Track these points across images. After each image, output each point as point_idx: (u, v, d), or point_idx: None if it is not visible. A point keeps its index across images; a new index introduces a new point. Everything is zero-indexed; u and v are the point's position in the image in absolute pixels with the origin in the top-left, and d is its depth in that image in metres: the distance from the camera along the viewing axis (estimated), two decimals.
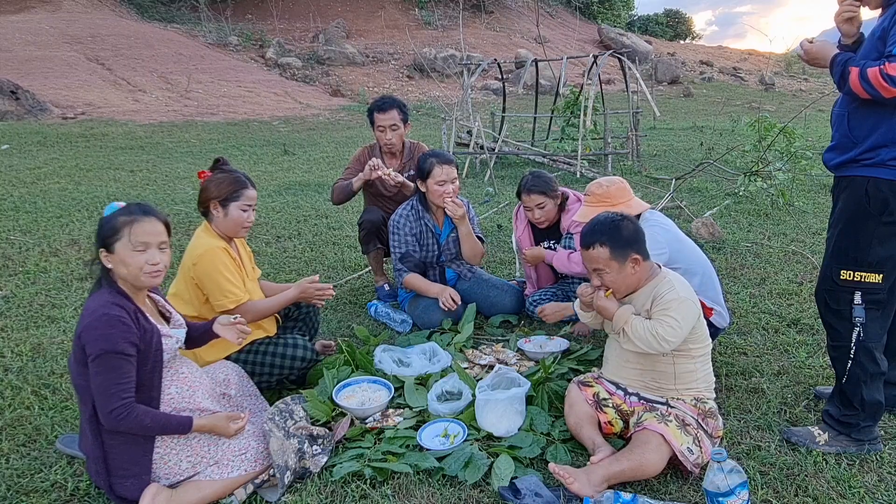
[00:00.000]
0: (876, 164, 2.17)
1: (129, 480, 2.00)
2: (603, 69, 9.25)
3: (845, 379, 2.32)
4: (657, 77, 20.47)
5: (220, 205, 2.65)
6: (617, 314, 2.23)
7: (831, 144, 2.36)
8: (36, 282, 4.18)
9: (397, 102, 3.83)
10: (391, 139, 3.82)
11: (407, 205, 3.53)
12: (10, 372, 3.00)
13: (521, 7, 26.39)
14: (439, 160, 3.36)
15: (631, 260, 2.24)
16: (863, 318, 2.25)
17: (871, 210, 2.18)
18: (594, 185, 2.98)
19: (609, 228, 2.25)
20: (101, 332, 1.90)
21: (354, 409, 2.55)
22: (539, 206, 3.34)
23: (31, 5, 18.37)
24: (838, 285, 2.27)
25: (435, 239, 3.51)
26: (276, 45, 19.24)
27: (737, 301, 3.75)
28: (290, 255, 4.80)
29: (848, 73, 2.10)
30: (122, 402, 1.91)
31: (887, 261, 2.21)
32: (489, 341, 3.33)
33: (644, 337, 2.16)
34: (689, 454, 2.09)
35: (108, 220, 2.03)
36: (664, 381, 2.29)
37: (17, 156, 8.49)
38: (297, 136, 11.25)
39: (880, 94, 2.03)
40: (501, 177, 7.69)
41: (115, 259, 2.02)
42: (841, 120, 2.27)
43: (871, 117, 2.16)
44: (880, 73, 2.00)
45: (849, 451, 2.31)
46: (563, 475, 2.02)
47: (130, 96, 13.85)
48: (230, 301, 2.60)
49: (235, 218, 2.66)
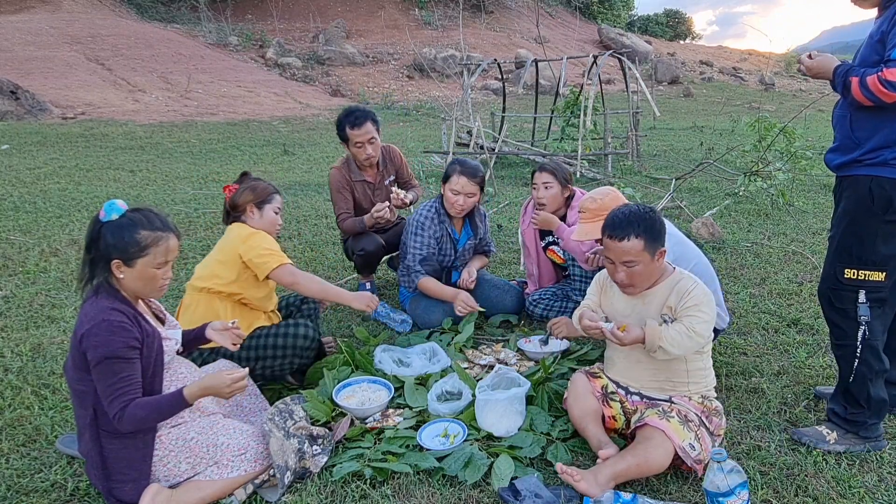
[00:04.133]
0: (878, 163, 2.17)
1: (129, 485, 1.99)
2: (603, 69, 9.25)
3: (852, 378, 2.32)
4: (657, 77, 20.47)
5: (255, 207, 2.81)
6: (648, 338, 2.15)
7: (833, 146, 2.36)
8: (36, 282, 4.18)
9: (369, 113, 3.65)
10: (371, 153, 3.66)
11: (430, 207, 3.46)
12: (10, 372, 3.00)
13: (521, 7, 26.38)
14: (462, 169, 3.32)
15: (660, 252, 2.23)
16: (868, 316, 2.26)
17: (874, 209, 2.19)
18: (587, 201, 2.93)
19: (644, 220, 2.20)
20: (102, 338, 1.89)
21: (354, 409, 2.55)
22: (545, 185, 3.33)
23: (31, 5, 18.37)
24: (843, 284, 2.28)
25: (453, 245, 3.50)
26: (276, 45, 19.24)
27: (737, 301, 3.75)
28: (291, 255, 4.75)
29: (849, 83, 2.11)
30: (122, 404, 1.91)
31: (891, 259, 2.22)
32: (489, 341, 3.33)
33: (682, 343, 2.12)
34: (691, 450, 2.09)
35: (127, 233, 1.97)
36: (678, 379, 2.27)
37: (17, 156, 8.49)
38: (297, 136, 11.25)
39: (881, 100, 2.04)
40: (501, 177, 7.69)
41: (131, 273, 1.99)
42: (843, 122, 2.27)
43: (873, 119, 2.16)
44: (879, 79, 2.01)
45: (857, 449, 2.32)
46: (571, 474, 2.01)
47: (130, 96, 13.85)
48: (275, 260, 2.69)
49: (271, 219, 2.84)
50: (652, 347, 2.15)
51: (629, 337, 2.16)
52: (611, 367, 2.43)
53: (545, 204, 3.35)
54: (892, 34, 2.06)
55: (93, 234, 1.99)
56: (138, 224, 1.99)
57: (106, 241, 1.97)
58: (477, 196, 3.40)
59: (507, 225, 5.49)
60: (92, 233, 2.00)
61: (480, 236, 3.63)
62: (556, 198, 3.34)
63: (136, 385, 1.94)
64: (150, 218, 2.03)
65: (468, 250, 3.57)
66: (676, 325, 2.16)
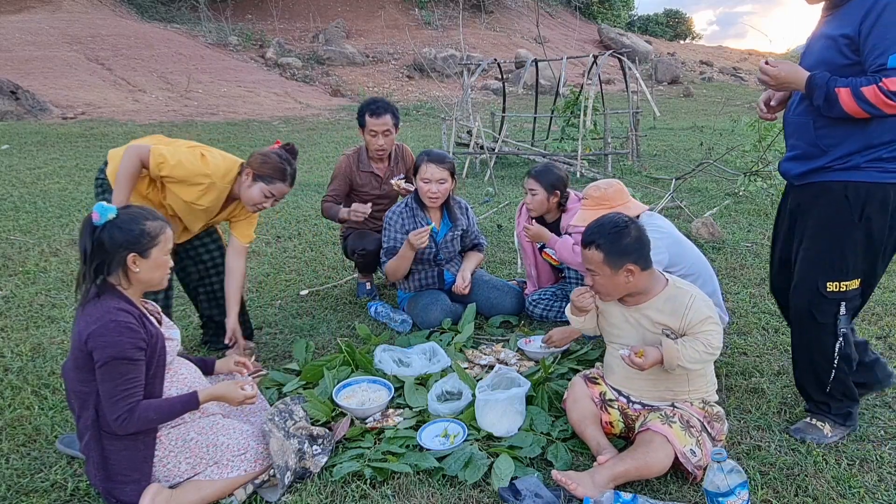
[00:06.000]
0: (850, 168, 2.11)
1: (130, 485, 1.99)
2: (603, 69, 9.25)
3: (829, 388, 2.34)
4: (657, 77, 20.46)
5: (252, 175, 2.74)
6: (666, 359, 2.13)
7: (792, 154, 2.26)
8: (36, 282, 4.18)
9: (391, 107, 3.77)
10: (383, 145, 3.77)
11: (402, 202, 3.55)
12: (10, 372, 3.00)
13: (521, 7, 26.37)
14: (429, 158, 3.38)
15: (626, 269, 2.17)
16: (846, 327, 2.25)
17: (853, 216, 2.13)
18: (592, 189, 2.96)
19: (609, 233, 2.17)
20: (110, 338, 1.89)
21: (354, 409, 2.55)
22: (531, 192, 3.38)
23: (31, 5, 18.35)
24: (826, 298, 2.22)
25: (431, 237, 3.52)
26: (276, 45, 19.23)
27: (737, 301, 3.75)
28: (290, 255, 4.80)
29: (834, 95, 1.98)
30: (128, 406, 1.91)
31: (867, 266, 2.20)
32: (489, 341, 3.33)
33: (700, 358, 2.12)
34: (692, 456, 2.08)
35: (135, 226, 2.00)
36: (679, 388, 2.26)
37: (17, 156, 8.49)
38: (297, 136, 11.24)
39: (883, 111, 1.93)
40: (501, 177, 7.69)
41: (146, 264, 2.02)
42: (805, 129, 2.18)
43: (842, 126, 2.08)
44: (879, 90, 1.90)
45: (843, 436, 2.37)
46: (566, 482, 2.00)
47: (130, 96, 13.84)
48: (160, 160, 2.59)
49: (255, 195, 2.76)
50: (671, 367, 2.14)
51: (648, 361, 2.12)
52: (610, 375, 2.41)
53: (532, 209, 3.43)
54: (874, 37, 1.94)
55: (93, 239, 1.98)
56: (140, 217, 2.03)
57: (114, 240, 1.98)
58: (448, 182, 3.42)
59: (507, 225, 5.49)
60: (92, 238, 1.98)
61: (464, 228, 3.62)
62: (542, 203, 3.39)
63: (140, 387, 1.95)
64: (144, 210, 2.08)
65: (450, 242, 3.57)
66: (693, 343, 2.13)
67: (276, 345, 3.33)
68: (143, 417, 1.93)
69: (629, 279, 2.19)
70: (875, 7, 1.95)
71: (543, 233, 3.35)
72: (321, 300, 3.94)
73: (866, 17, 1.96)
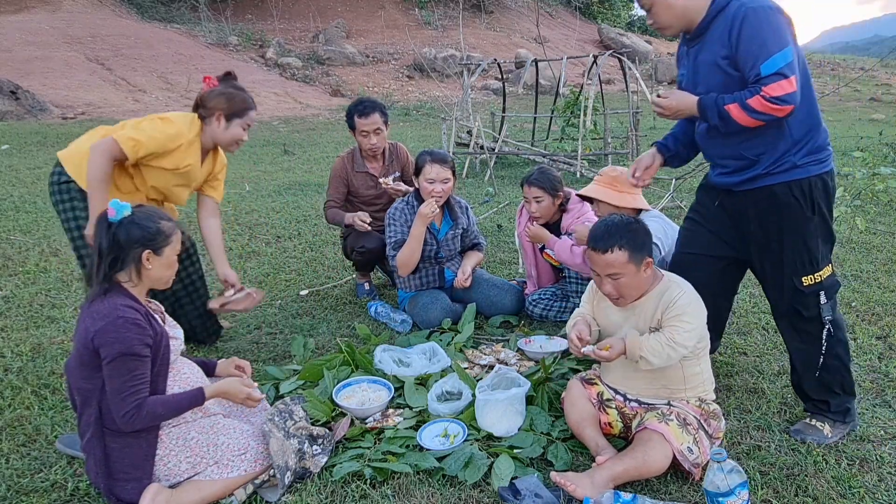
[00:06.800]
0: (788, 169, 2.17)
1: (131, 484, 1.99)
2: (603, 69, 9.25)
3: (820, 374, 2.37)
4: (657, 77, 20.45)
5: (224, 118, 2.74)
6: (628, 349, 2.14)
7: (721, 171, 2.31)
8: (36, 282, 4.18)
9: (378, 105, 3.79)
10: (375, 143, 3.78)
11: (403, 201, 3.56)
12: (10, 372, 3.00)
13: (521, 7, 26.37)
14: (432, 158, 3.39)
15: (645, 263, 2.19)
16: (830, 314, 2.31)
17: (805, 211, 2.20)
18: (608, 168, 3.06)
19: (626, 231, 2.16)
20: (118, 334, 1.90)
21: (354, 409, 2.55)
22: (536, 200, 3.38)
23: (31, 5, 18.35)
24: (805, 294, 2.28)
25: (433, 234, 3.52)
26: (276, 45, 19.22)
27: (737, 301, 3.74)
28: (290, 255, 4.80)
29: (726, 112, 2.07)
30: (136, 402, 1.92)
31: (826, 249, 2.27)
32: (489, 341, 3.33)
33: (662, 353, 2.11)
34: (689, 454, 2.08)
35: (151, 224, 2.03)
36: (675, 385, 2.26)
37: (17, 156, 8.50)
38: (297, 136, 11.25)
39: (775, 116, 2.01)
40: (501, 177, 7.69)
41: (158, 261, 2.06)
42: (724, 146, 2.24)
43: (760, 136, 2.15)
44: (764, 98, 1.98)
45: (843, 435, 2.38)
46: (565, 483, 2.00)
47: (130, 96, 13.85)
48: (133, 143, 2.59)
49: (235, 134, 2.77)
50: (633, 357, 2.14)
51: (613, 353, 2.15)
52: (607, 374, 2.42)
53: (539, 216, 3.43)
54: (742, 52, 2.03)
55: (109, 235, 2.00)
56: (155, 215, 2.07)
57: (131, 236, 2.01)
58: (451, 181, 3.43)
59: (507, 225, 5.49)
60: (108, 234, 2.01)
61: (464, 227, 3.63)
62: (549, 208, 3.41)
63: (147, 383, 1.96)
64: (157, 210, 2.12)
65: (451, 240, 3.58)
66: (658, 335, 2.14)
67: (276, 345, 3.32)
68: (151, 413, 1.94)
69: (647, 272, 2.21)
70: (734, 24, 2.05)
71: (543, 233, 3.39)
72: (321, 300, 3.94)
73: (730, 35, 2.07)
